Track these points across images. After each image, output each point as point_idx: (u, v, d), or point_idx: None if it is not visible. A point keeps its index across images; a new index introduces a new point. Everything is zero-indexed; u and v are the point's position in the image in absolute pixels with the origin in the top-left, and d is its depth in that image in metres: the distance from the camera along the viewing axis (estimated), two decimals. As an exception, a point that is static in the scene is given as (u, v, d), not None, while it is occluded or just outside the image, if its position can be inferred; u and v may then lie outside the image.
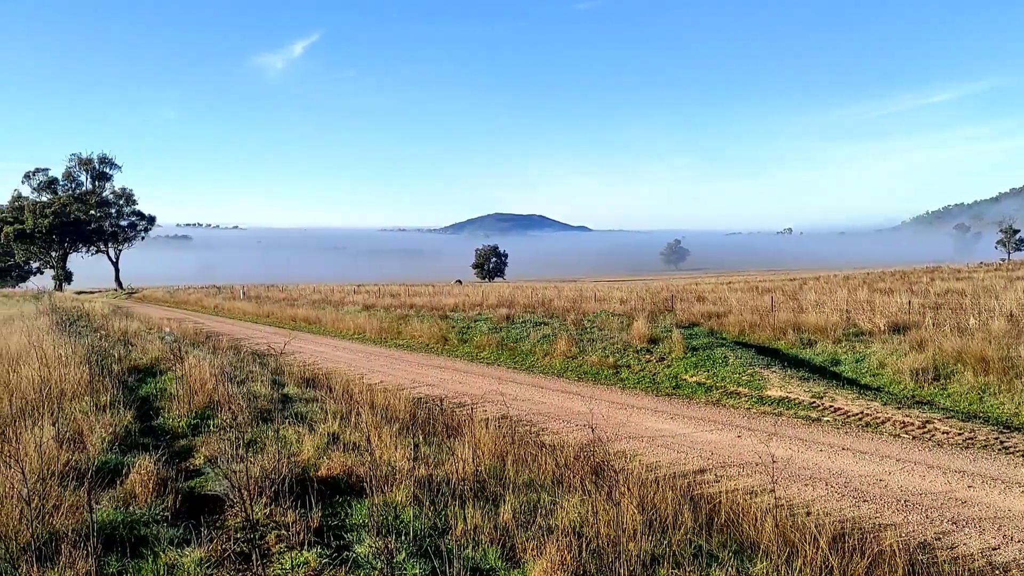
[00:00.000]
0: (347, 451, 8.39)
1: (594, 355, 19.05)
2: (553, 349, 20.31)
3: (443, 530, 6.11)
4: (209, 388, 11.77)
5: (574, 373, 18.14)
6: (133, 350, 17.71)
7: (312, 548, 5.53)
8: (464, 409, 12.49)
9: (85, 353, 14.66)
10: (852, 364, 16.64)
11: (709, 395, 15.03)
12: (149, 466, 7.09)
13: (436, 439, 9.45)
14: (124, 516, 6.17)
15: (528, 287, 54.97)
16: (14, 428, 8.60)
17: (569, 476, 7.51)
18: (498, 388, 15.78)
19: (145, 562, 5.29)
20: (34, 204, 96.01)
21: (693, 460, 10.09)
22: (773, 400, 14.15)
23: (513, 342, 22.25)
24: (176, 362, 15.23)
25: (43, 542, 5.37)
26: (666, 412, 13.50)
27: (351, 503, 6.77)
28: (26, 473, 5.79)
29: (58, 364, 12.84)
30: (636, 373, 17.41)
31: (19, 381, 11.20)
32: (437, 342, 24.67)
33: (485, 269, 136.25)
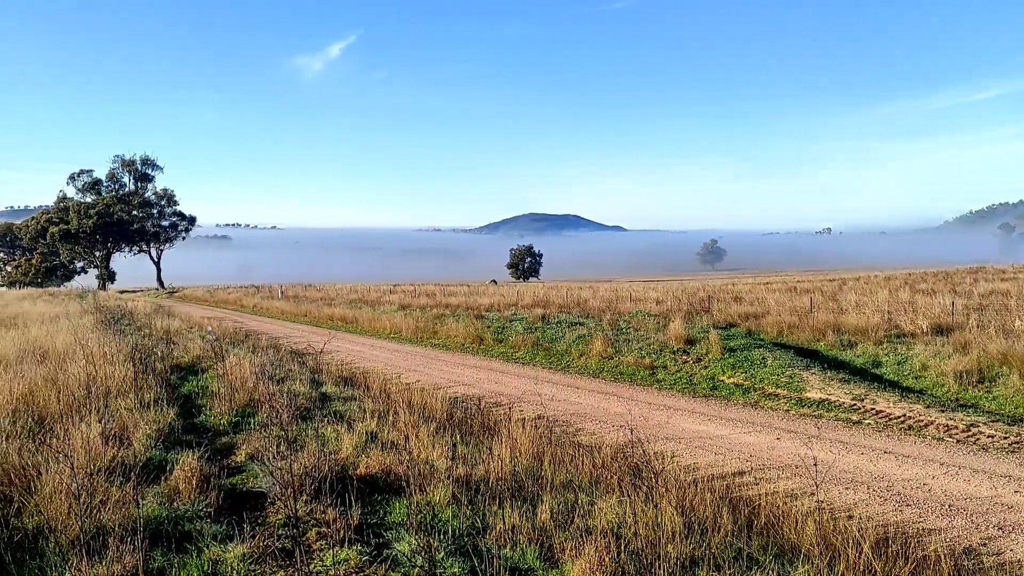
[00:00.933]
0: (385, 450, 8.45)
1: (630, 356, 18.97)
2: (589, 349, 20.26)
3: (481, 529, 6.14)
4: (249, 386, 11.94)
5: (610, 374, 18.08)
6: (175, 348, 18.00)
7: (353, 546, 5.59)
8: (500, 409, 12.52)
9: (129, 351, 14.93)
10: (894, 366, 16.38)
11: (747, 397, 14.89)
12: (192, 463, 7.22)
13: (473, 439, 9.49)
14: (169, 512, 6.29)
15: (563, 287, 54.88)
16: (62, 424, 8.80)
17: (607, 477, 7.50)
18: (534, 388, 15.80)
19: (190, 557, 5.38)
20: (79, 205, 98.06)
21: (731, 462, 10.01)
22: (813, 402, 13.98)
23: (548, 342, 22.24)
24: (217, 360, 15.46)
25: (91, 536, 5.49)
26: (703, 413, 13.41)
27: (390, 501, 6.83)
28: (76, 469, 5.93)
29: (103, 362, 13.10)
30: (673, 374, 17.31)
31: (66, 379, 11.45)
32: (473, 342, 24.75)
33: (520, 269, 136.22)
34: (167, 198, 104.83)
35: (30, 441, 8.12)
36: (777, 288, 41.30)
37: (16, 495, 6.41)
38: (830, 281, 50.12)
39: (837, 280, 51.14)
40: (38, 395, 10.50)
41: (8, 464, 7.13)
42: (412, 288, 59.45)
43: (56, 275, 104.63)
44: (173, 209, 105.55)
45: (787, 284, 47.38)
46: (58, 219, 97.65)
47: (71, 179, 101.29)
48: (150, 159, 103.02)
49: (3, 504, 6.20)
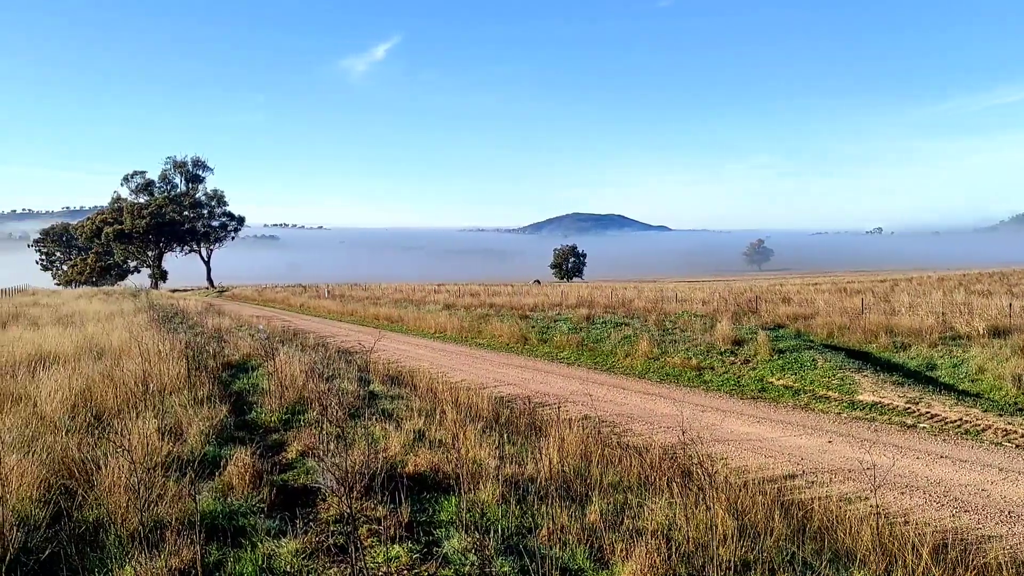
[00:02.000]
0: (433, 448, 8.49)
1: (676, 356, 18.82)
2: (634, 350, 20.15)
3: (530, 529, 6.13)
4: (299, 384, 12.09)
5: (656, 374, 17.95)
6: (226, 346, 18.32)
7: (403, 543, 5.62)
8: (546, 409, 12.50)
9: (182, 349, 15.23)
10: (949, 369, 15.98)
11: (797, 399, 14.67)
12: (245, 459, 7.33)
13: (520, 438, 9.49)
14: (223, 507, 6.39)
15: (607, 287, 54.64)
16: (120, 420, 9.01)
17: (655, 478, 7.44)
18: (579, 388, 15.75)
19: (244, 552, 5.46)
20: (132, 205, 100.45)
21: (782, 465, 9.87)
22: (865, 405, 13.70)
23: (593, 342, 22.16)
24: (267, 358, 15.69)
25: (149, 529, 5.61)
26: (752, 415, 13.24)
27: (439, 500, 6.85)
28: (135, 463, 6.06)
29: (157, 359, 13.38)
30: (720, 375, 17.12)
31: (122, 375, 11.72)
32: (517, 341, 24.77)
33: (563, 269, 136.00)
34: (217, 199, 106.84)
35: (89, 436, 8.33)
36: (826, 289, 40.60)
37: (78, 488, 6.58)
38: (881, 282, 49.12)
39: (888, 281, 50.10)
40: (96, 391, 10.77)
41: (68, 458, 7.32)
42: (456, 288, 59.71)
43: (110, 274, 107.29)
44: (223, 209, 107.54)
45: (836, 285, 46.57)
46: (112, 219, 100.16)
47: (125, 180, 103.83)
48: (201, 160, 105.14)
49: (65, 497, 6.36)
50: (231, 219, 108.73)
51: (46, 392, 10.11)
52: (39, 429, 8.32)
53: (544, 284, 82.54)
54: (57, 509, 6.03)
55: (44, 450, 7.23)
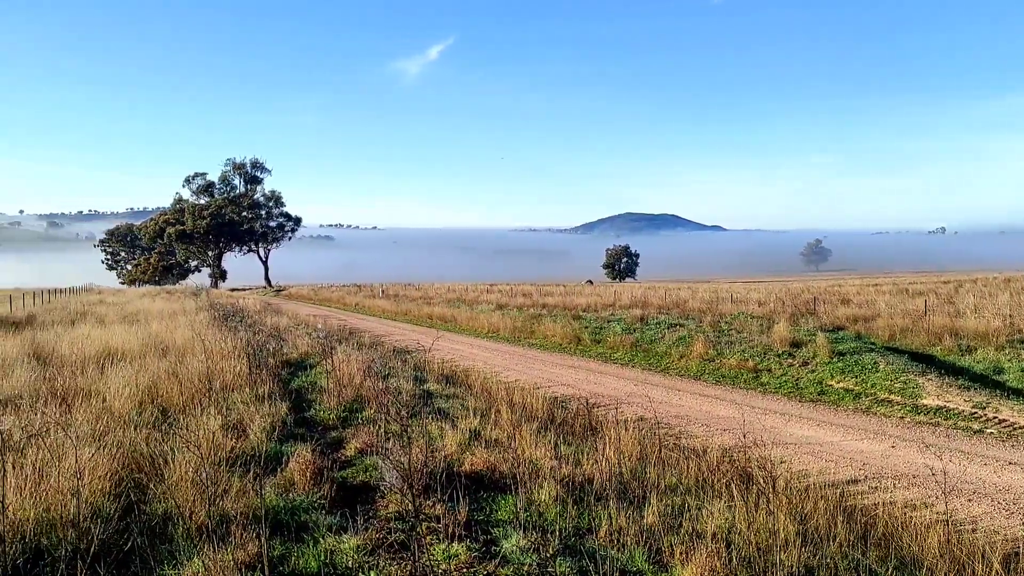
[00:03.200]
0: (489, 448, 8.54)
1: (732, 358, 18.58)
2: (689, 351, 19.95)
3: (587, 530, 6.13)
4: (356, 383, 12.27)
5: (711, 376, 17.76)
6: (284, 345, 18.68)
7: (462, 541, 5.67)
8: (601, 410, 12.45)
9: (243, 347, 15.58)
10: (1018, 373, 15.47)
11: (858, 402, 14.36)
12: (306, 456, 7.47)
13: (575, 439, 9.48)
14: (286, 502, 6.52)
15: (661, 288, 54.20)
16: (185, 416, 9.26)
17: (714, 480, 7.36)
18: (634, 389, 15.67)
19: (307, 547, 5.57)
20: (193, 206, 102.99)
21: (843, 469, 9.67)
22: (929, 409, 13.35)
23: (648, 343, 22.01)
24: (324, 357, 15.95)
25: (216, 523, 5.75)
26: (811, 419, 13.00)
27: (495, 499, 6.89)
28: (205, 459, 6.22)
29: (219, 357, 13.71)
30: (778, 377, 16.85)
31: (186, 372, 12.04)
32: (570, 342, 24.73)
33: (616, 269, 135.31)
34: (274, 199, 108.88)
35: (156, 431, 8.57)
36: (887, 290, 39.68)
37: (147, 482, 6.78)
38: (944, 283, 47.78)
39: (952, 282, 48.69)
40: (161, 387, 11.08)
41: (137, 452, 7.55)
42: (508, 288, 59.84)
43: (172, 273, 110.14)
44: (280, 210, 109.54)
45: (898, 286, 45.45)
46: (174, 220, 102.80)
47: (186, 182, 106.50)
48: (259, 162, 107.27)
49: (135, 491, 6.56)
50: (288, 219, 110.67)
51: (115, 388, 10.43)
52: (109, 424, 8.60)
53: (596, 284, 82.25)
54: (128, 502, 6.22)
55: (114, 445, 7.47)
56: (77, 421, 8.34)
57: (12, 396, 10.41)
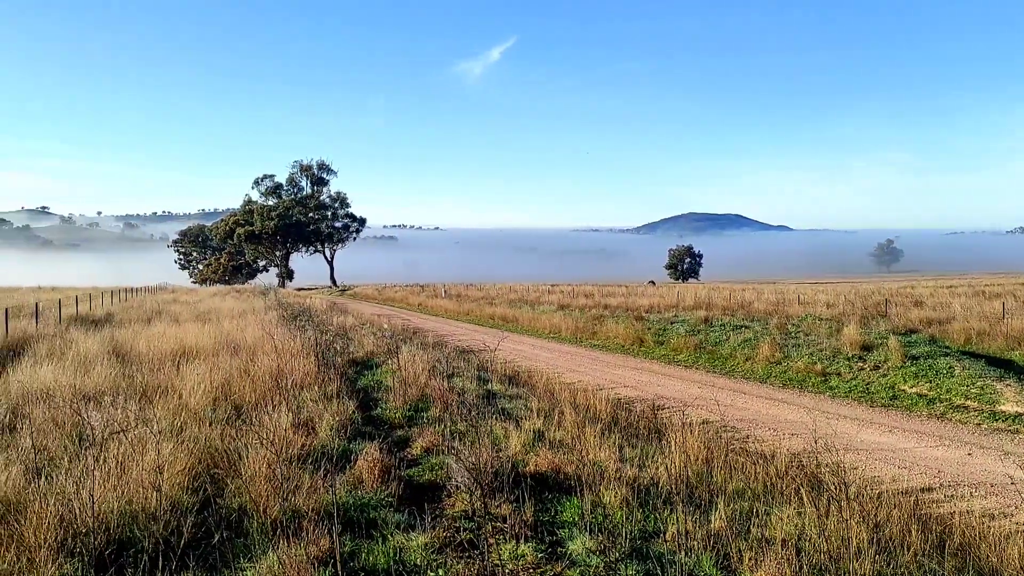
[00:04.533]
0: (553, 449, 8.56)
1: (800, 361, 18.23)
2: (755, 354, 19.64)
3: (653, 533, 6.10)
4: (421, 382, 12.42)
5: (778, 379, 17.45)
6: (350, 344, 19.00)
7: (528, 542, 5.71)
8: (664, 412, 12.37)
9: (311, 346, 15.90)
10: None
11: (932, 408, 13.94)
12: (375, 454, 7.61)
13: (639, 441, 9.44)
14: (355, 500, 6.66)
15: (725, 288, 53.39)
16: (257, 413, 9.51)
17: (782, 486, 7.25)
18: (698, 392, 15.50)
19: (376, 544, 5.68)
20: (262, 207, 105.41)
21: (917, 477, 9.41)
22: (1008, 416, 12.89)
23: (712, 345, 21.74)
24: (390, 356, 16.18)
25: (288, 519, 5.91)
26: (883, 424, 12.68)
27: (560, 500, 6.91)
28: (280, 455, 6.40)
29: (289, 356, 14.02)
30: (847, 381, 16.46)
31: (257, 370, 12.36)
32: (633, 343, 24.57)
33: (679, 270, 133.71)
34: (340, 201, 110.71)
35: (229, 427, 8.83)
36: (962, 292, 38.39)
37: (222, 476, 6.99)
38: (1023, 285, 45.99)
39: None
40: (234, 385, 11.40)
41: (212, 448, 7.79)
42: (570, 288, 59.72)
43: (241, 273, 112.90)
44: (345, 211, 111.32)
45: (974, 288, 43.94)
46: (244, 221, 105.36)
47: (255, 183, 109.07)
48: (325, 163, 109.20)
49: (212, 485, 6.77)
50: (353, 220, 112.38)
51: (190, 385, 10.77)
52: (185, 420, 8.89)
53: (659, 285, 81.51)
54: (206, 496, 6.43)
55: (191, 440, 7.73)
56: (156, 417, 8.64)
57: (94, 392, 10.84)
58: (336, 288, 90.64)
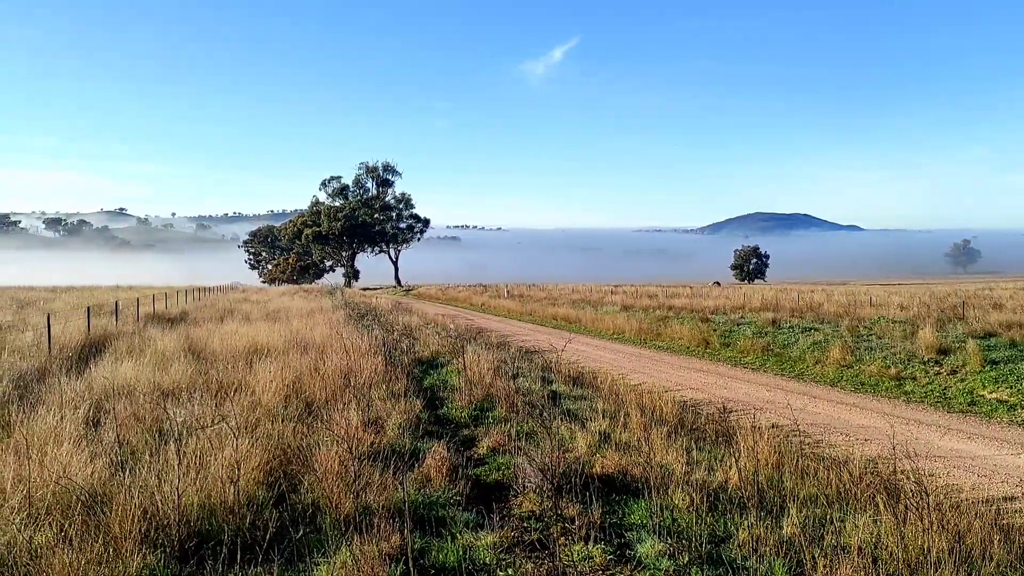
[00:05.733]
0: (619, 450, 8.53)
1: (872, 364, 17.76)
2: (825, 357, 19.21)
3: (723, 538, 6.03)
4: (487, 382, 12.50)
5: (849, 383, 17.02)
6: (416, 343, 19.23)
7: (597, 543, 5.70)
8: (732, 415, 12.19)
9: (378, 345, 16.15)
10: None
11: (1013, 414, 13.43)
12: (442, 453, 7.69)
13: (707, 444, 9.34)
14: (424, 498, 6.75)
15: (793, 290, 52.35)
16: (327, 410, 9.70)
17: (856, 492, 7.08)
18: (766, 395, 15.24)
19: (445, 542, 5.75)
20: (329, 209, 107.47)
21: (999, 485, 9.08)
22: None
23: (780, 348, 21.34)
24: (454, 356, 16.33)
25: (360, 515, 6.02)
26: (961, 431, 12.26)
27: (627, 502, 6.88)
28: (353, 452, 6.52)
29: (357, 355, 14.27)
30: (923, 386, 15.97)
31: (326, 368, 12.61)
32: (698, 345, 24.27)
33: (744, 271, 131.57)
34: (405, 202, 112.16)
35: (300, 424, 9.03)
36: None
37: (295, 472, 7.16)
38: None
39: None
40: (304, 383, 11.65)
41: (284, 444, 7.98)
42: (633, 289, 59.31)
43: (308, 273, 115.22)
44: (410, 212, 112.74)
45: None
46: (311, 222, 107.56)
47: (322, 185, 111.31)
48: (390, 165, 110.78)
49: (286, 480, 6.94)
50: (417, 221, 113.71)
51: (263, 382, 11.05)
52: (259, 416, 9.13)
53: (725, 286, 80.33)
54: (280, 492, 6.60)
55: (265, 436, 7.93)
56: (231, 413, 8.89)
57: (172, 388, 11.21)
58: (400, 288, 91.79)
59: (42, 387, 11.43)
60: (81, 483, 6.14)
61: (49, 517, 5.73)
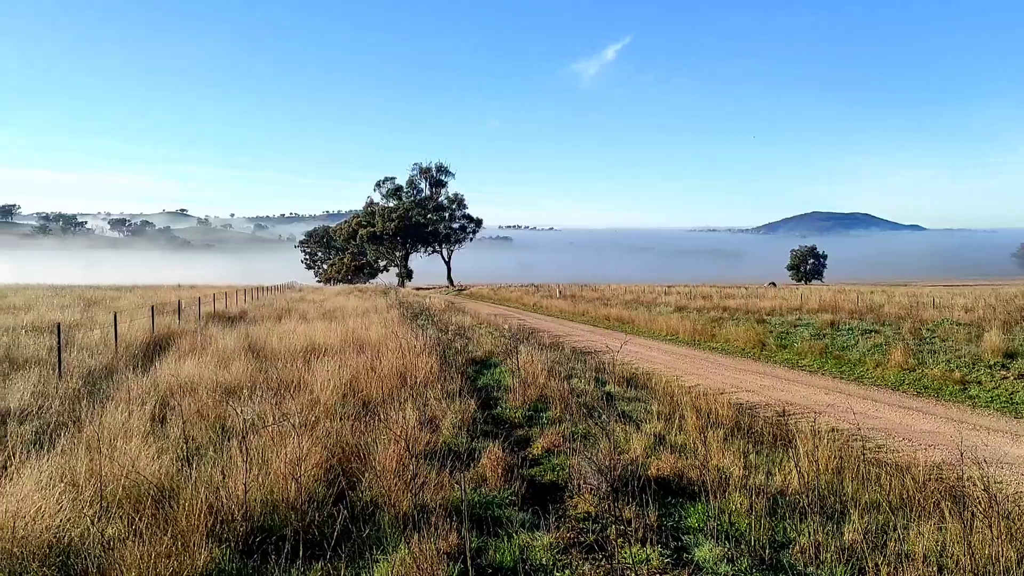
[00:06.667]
0: (675, 453, 8.47)
1: (935, 368, 17.29)
2: (886, 360, 18.77)
3: (782, 544, 5.95)
4: (540, 382, 12.51)
5: (911, 387, 16.61)
6: (469, 343, 19.35)
7: (653, 546, 5.68)
8: (790, 419, 12.00)
9: (432, 345, 16.29)
10: None
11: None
12: (497, 453, 7.74)
13: (764, 448, 9.21)
14: (480, 497, 6.81)
15: (852, 291, 51.26)
16: (383, 409, 9.83)
17: (920, 499, 6.92)
18: (825, 399, 14.97)
19: (501, 541, 5.79)
20: (383, 209, 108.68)
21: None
22: None
23: (839, 350, 20.92)
24: (508, 356, 16.38)
25: (417, 513, 6.09)
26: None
27: (684, 505, 6.84)
28: (410, 451, 6.61)
29: (411, 354, 14.41)
30: (989, 391, 15.50)
31: (382, 368, 12.77)
32: (753, 347, 23.91)
33: (801, 271, 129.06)
34: (457, 202, 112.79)
35: (358, 423, 9.16)
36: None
37: (353, 469, 7.28)
38: None
39: None
40: (361, 381, 11.82)
41: (343, 442, 8.11)
42: (687, 290, 58.74)
43: (363, 272, 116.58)
44: (462, 212, 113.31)
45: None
46: (366, 222, 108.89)
47: (377, 186, 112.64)
48: (444, 166, 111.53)
49: (345, 478, 7.06)
50: (470, 221, 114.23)
51: (320, 380, 11.24)
52: (317, 414, 9.29)
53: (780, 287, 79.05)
54: (340, 489, 6.71)
55: (324, 434, 8.07)
56: (291, 411, 9.07)
57: (233, 385, 11.48)
58: (453, 288, 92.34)
59: (110, 384, 11.81)
60: (149, 477, 6.34)
61: (120, 510, 5.93)
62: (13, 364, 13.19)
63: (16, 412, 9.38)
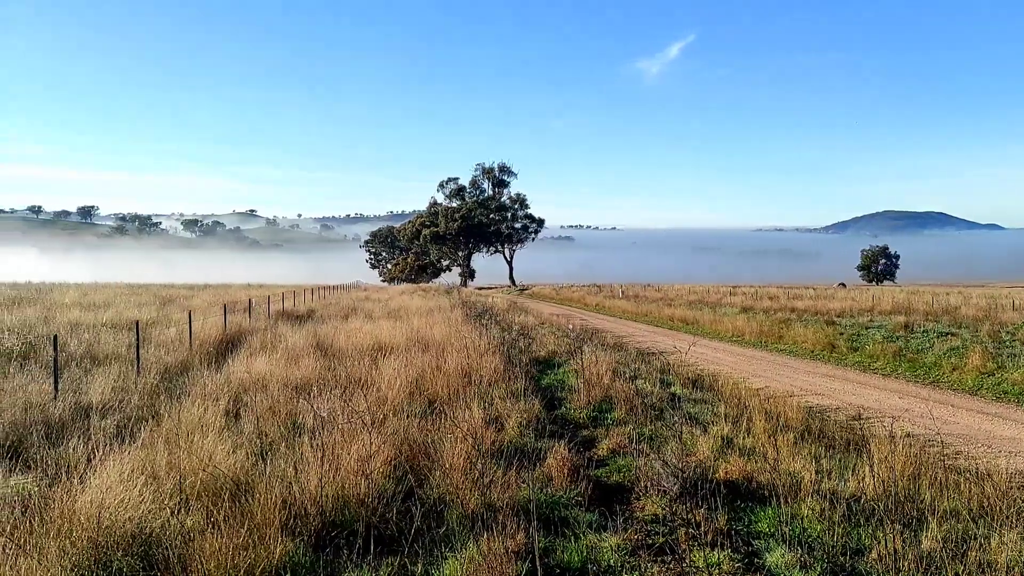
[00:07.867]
0: (743, 456, 8.34)
1: (1016, 372, 16.64)
2: (963, 363, 18.13)
3: (856, 551, 5.81)
4: (605, 383, 12.45)
5: (990, 391, 16.02)
6: (532, 343, 19.37)
7: (723, 550, 5.61)
8: (863, 423, 11.70)
9: (496, 344, 16.36)
10: None
11: None
12: (563, 453, 7.73)
13: (836, 452, 9.00)
14: (546, 497, 6.81)
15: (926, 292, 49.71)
16: (450, 407, 9.92)
17: (1002, 507, 6.67)
18: (899, 403, 14.54)
19: (568, 542, 5.78)
20: (446, 209, 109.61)
21: None
22: None
23: (913, 353, 20.29)
24: (571, 356, 16.35)
25: (485, 511, 6.13)
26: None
27: (754, 509, 6.73)
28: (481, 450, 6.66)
29: (476, 353, 14.51)
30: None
31: (447, 367, 12.88)
32: (823, 349, 23.36)
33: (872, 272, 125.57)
34: (519, 202, 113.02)
35: (425, 421, 9.27)
36: None
37: (421, 467, 7.36)
38: None
39: None
40: (426, 380, 11.95)
41: (410, 439, 8.21)
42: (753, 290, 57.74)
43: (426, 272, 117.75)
44: (525, 212, 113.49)
45: None
46: (429, 223, 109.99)
47: (440, 186, 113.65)
48: (506, 166, 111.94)
49: (413, 475, 7.15)
50: (532, 221, 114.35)
51: (387, 379, 11.40)
52: (385, 412, 9.43)
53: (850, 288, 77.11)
54: (408, 486, 6.80)
55: (391, 432, 8.18)
56: (359, 409, 9.22)
57: (302, 383, 11.72)
58: (515, 288, 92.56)
59: (185, 379, 12.18)
60: (226, 471, 6.52)
61: (198, 503, 6.11)
62: (94, 360, 13.70)
63: (98, 406, 9.75)
